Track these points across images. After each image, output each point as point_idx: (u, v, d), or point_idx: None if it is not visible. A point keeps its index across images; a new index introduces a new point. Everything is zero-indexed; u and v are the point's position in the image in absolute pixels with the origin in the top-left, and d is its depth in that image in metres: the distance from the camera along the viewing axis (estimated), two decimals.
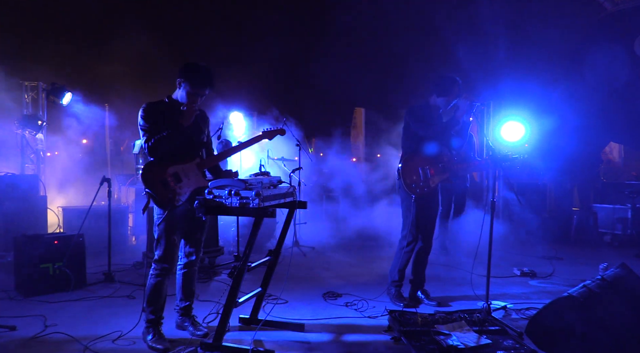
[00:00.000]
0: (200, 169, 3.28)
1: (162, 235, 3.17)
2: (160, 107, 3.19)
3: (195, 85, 3.15)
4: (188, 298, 3.45)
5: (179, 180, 3.15)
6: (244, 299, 3.24)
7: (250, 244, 2.99)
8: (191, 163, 3.23)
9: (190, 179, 3.19)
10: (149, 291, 3.19)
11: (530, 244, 7.24)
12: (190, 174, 3.20)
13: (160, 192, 3.09)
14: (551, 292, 4.52)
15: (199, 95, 3.18)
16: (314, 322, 3.64)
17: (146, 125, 3.13)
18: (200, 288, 4.56)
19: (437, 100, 4.06)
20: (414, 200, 4.00)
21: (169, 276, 3.23)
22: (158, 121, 3.12)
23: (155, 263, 3.19)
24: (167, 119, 3.13)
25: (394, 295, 4.16)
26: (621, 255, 6.32)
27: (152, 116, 3.13)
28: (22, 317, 3.69)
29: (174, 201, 3.12)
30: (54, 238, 4.52)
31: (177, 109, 3.19)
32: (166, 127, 3.11)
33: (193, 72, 3.16)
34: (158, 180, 3.10)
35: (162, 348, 3.06)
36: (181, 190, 3.15)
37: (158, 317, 3.22)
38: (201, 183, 3.24)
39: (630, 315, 3.21)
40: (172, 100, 3.25)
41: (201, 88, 3.17)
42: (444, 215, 6.38)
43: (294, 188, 3.44)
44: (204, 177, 3.31)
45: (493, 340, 3.09)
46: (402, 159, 4.10)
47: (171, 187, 3.12)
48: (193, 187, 3.20)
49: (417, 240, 4.13)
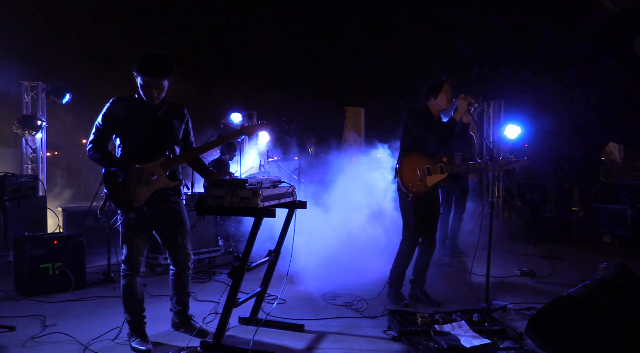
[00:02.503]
0: (164, 168, 3.08)
1: (124, 238, 3.09)
2: (128, 101, 3.06)
3: (144, 75, 2.92)
4: (182, 300, 3.40)
5: (136, 181, 2.99)
6: (244, 299, 3.24)
7: (250, 244, 2.99)
8: (154, 162, 3.05)
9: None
10: (122, 293, 3.14)
11: (529, 244, 7.24)
12: (152, 174, 3.03)
13: (117, 192, 2.99)
14: (551, 292, 4.51)
15: (151, 86, 2.96)
16: (314, 322, 3.64)
17: (100, 123, 3.00)
18: (199, 288, 4.56)
19: (435, 102, 4.05)
20: (411, 200, 3.99)
21: (136, 277, 3.13)
22: (119, 121, 2.99)
23: (122, 264, 3.13)
24: (128, 115, 3.00)
25: (394, 295, 4.15)
26: (621, 255, 6.31)
27: (113, 114, 3.00)
28: (22, 317, 3.69)
29: (132, 203, 3.00)
30: (53, 238, 4.52)
31: (143, 104, 3.06)
32: (127, 126, 3.01)
33: (142, 61, 2.92)
34: (115, 180, 2.99)
35: (144, 349, 3.02)
36: (140, 191, 3.01)
37: (137, 318, 3.15)
38: (164, 184, 3.08)
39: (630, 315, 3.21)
40: (140, 95, 3.08)
41: (151, 77, 2.92)
42: (445, 215, 6.38)
43: (293, 188, 3.43)
44: (171, 178, 3.13)
45: (493, 340, 3.08)
46: (400, 159, 4.08)
47: (129, 187, 2.99)
48: (154, 188, 3.05)
49: (417, 241, 4.12)
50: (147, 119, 3.08)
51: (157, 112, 3.12)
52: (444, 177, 4.00)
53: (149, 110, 3.09)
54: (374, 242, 6.65)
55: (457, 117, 3.91)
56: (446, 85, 3.99)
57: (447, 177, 4.01)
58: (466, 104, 3.86)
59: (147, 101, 3.05)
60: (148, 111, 3.09)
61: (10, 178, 5.82)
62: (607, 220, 7.50)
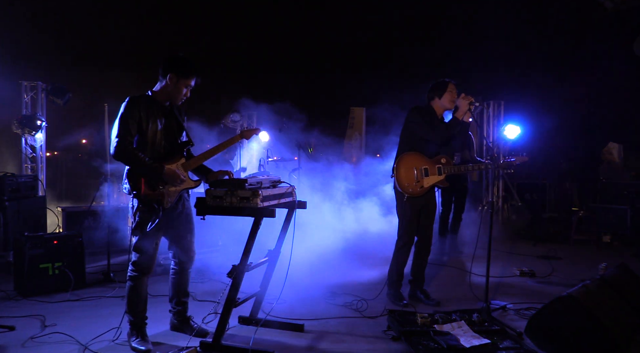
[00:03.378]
0: (185, 169, 3.19)
1: (145, 239, 3.08)
2: (144, 101, 3.09)
3: (186, 77, 3.09)
4: (182, 300, 3.40)
5: (165, 182, 3.06)
6: (244, 299, 3.24)
7: (249, 244, 2.99)
8: (176, 163, 3.13)
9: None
10: (127, 293, 3.14)
11: (529, 244, 7.24)
12: (182, 175, 3.12)
13: (147, 192, 3.01)
14: (550, 292, 4.51)
15: (188, 87, 3.14)
16: (314, 322, 3.64)
17: (124, 122, 2.98)
18: (199, 288, 4.55)
19: (440, 102, 4.05)
20: (406, 200, 3.98)
21: (146, 279, 3.14)
22: (140, 120, 3.02)
23: (133, 265, 3.12)
24: (147, 115, 3.04)
25: (393, 295, 4.15)
26: (620, 255, 6.31)
27: (135, 113, 3.01)
28: (21, 317, 3.69)
29: (163, 204, 3.05)
30: (53, 238, 4.52)
31: (158, 103, 3.12)
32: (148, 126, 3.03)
33: (182, 63, 3.09)
34: (144, 182, 3.01)
35: (144, 349, 3.03)
36: (169, 192, 3.08)
37: (140, 319, 3.16)
38: (188, 185, 3.18)
39: (630, 315, 3.21)
40: (155, 94, 3.14)
41: (191, 78, 3.12)
42: (445, 215, 6.38)
43: (293, 188, 3.43)
44: (190, 179, 3.24)
45: (492, 340, 3.08)
46: (398, 158, 4.07)
47: (159, 188, 3.04)
48: (181, 189, 3.14)
49: (413, 240, 4.12)
50: (164, 119, 3.15)
51: (172, 112, 3.19)
52: (441, 179, 3.99)
53: (165, 110, 3.16)
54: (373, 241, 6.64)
55: (460, 116, 3.90)
56: (450, 85, 4.02)
57: (444, 179, 4.00)
58: (467, 103, 3.87)
59: (162, 101, 3.13)
60: (164, 111, 3.15)
61: (10, 179, 5.81)
62: (607, 220, 7.50)
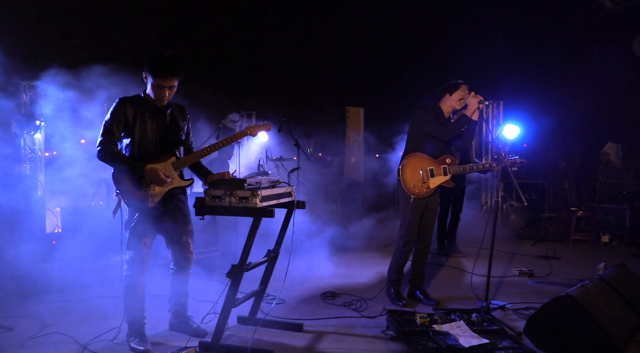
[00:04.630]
0: (175, 168, 3.14)
1: (133, 238, 3.07)
2: (135, 102, 3.08)
3: (157, 76, 2.98)
4: (181, 300, 3.40)
5: (150, 181, 3.03)
6: (243, 299, 3.24)
7: (249, 244, 2.99)
8: (165, 163, 3.10)
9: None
10: (124, 294, 3.13)
11: (528, 244, 7.24)
12: (167, 175, 3.07)
13: (130, 193, 3.00)
14: (550, 291, 4.51)
15: (163, 87, 3.01)
16: (313, 321, 3.64)
17: (110, 123, 3.00)
18: (198, 288, 4.55)
19: (450, 98, 4.05)
20: (412, 201, 3.98)
21: (142, 279, 3.13)
22: (127, 121, 3.02)
23: (127, 264, 3.12)
24: (135, 115, 3.04)
25: (393, 295, 4.16)
26: (619, 255, 6.32)
27: (121, 114, 3.01)
28: (20, 317, 3.68)
29: (147, 203, 3.02)
30: (52, 238, 4.52)
31: (149, 104, 3.11)
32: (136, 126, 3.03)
33: (154, 62, 2.98)
34: (129, 180, 3.00)
35: (143, 349, 3.02)
36: (154, 191, 3.05)
37: (138, 319, 3.15)
38: (177, 184, 3.15)
39: (629, 315, 3.21)
40: (146, 95, 3.12)
41: (164, 79, 2.98)
42: (443, 215, 6.38)
43: (292, 188, 3.43)
44: (181, 177, 3.20)
45: (491, 339, 3.09)
46: (404, 158, 4.07)
47: (143, 187, 3.02)
48: (167, 188, 3.11)
49: (414, 240, 4.12)
50: (156, 120, 3.13)
51: (165, 112, 3.17)
52: (447, 179, 4.00)
53: (157, 111, 3.14)
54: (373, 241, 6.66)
55: (469, 113, 3.90)
56: (463, 86, 4.05)
57: (449, 179, 4.01)
58: (477, 101, 3.87)
59: (155, 102, 3.10)
60: (156, 111, 3.14)
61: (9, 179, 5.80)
62: (606, 220, 7.51)
